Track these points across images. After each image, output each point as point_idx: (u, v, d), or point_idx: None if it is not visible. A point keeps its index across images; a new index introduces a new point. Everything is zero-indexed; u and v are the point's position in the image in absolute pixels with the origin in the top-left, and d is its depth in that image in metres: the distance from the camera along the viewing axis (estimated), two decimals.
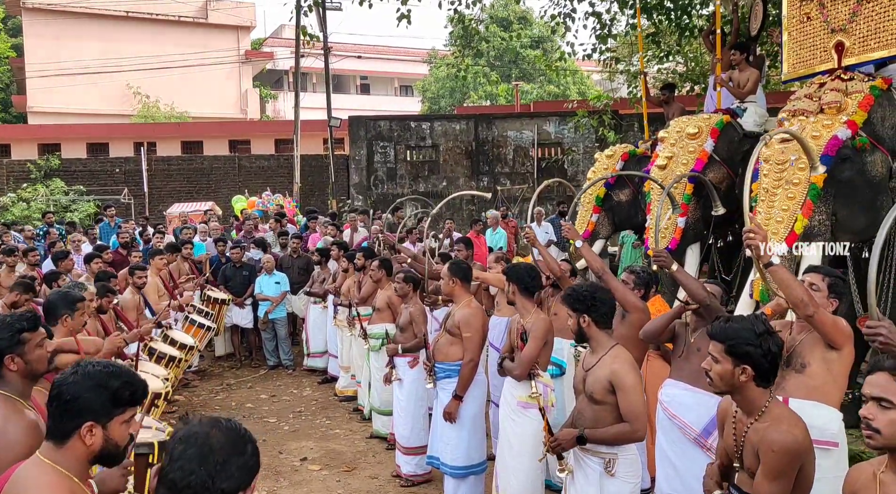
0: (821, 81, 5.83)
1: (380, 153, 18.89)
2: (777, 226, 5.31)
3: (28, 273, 7.75)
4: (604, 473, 3.44)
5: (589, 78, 33.65)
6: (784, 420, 2.62)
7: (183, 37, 30.22)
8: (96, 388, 1.99)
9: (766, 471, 2.56)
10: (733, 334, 2.69)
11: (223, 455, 1.65)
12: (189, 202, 18.61)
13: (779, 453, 2.53)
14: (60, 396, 1.99)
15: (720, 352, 2.70)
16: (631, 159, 7.94)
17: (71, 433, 1.98)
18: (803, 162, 5.25)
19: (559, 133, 18.58)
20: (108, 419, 2.00)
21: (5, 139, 24.78)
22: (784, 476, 2.56)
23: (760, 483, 2.59)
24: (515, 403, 4.29)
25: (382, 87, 42.82)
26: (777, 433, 2.57)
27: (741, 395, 2.71)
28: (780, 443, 2.54)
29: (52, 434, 2.01)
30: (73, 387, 1.98)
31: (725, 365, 2.68)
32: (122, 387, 2.03)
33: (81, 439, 1.98)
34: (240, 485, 1.67)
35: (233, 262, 9.66)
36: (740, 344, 2.66)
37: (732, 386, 2.70)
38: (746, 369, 2.66)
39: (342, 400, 8.02)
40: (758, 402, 2.69)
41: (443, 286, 5.06)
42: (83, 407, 1.97)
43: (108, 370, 2.05)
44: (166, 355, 6.17)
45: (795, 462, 2.57)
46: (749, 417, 2.71)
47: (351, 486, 5.71)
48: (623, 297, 4.41)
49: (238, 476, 1.67)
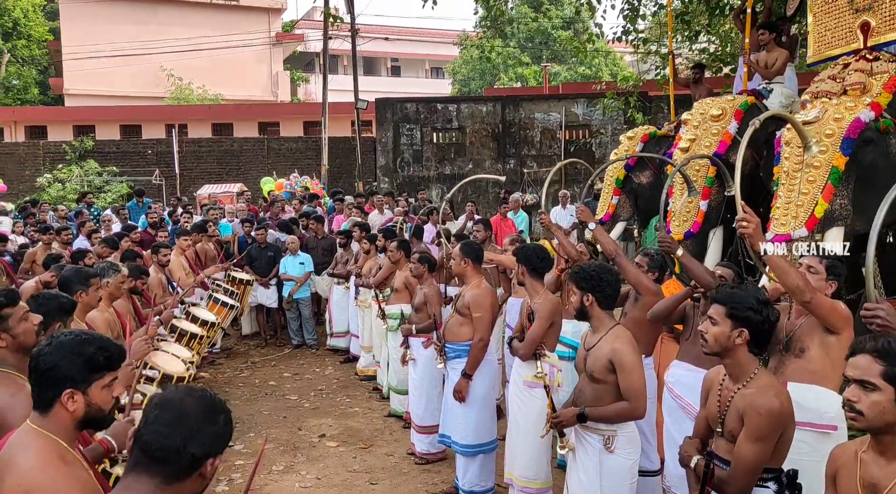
0: (845, 62, 5.70)
1: (406, 135, 18.89)
2: (797, 209, 5.23)
3: (61, 251, 7.97)
4: (603, 449, 3.49)
5: (622, 59, 33.18)
6: (771, 388, 2.73)
7: (215, 19, 30.43)
8: (70, 356, 2.06)
9: (749, 433, 2.66)
10: (737, 298, 2.81)
11: (196, 422, 1.72)
12: (219, 184, 18.86)
13: (765, 416, 2.63)
14: (38, 367, 2.06)
15: (720, 315, 2.81)
16: (651, 140, 7.85)
17: (53, 401, 2.05)
18: (825, 145, 5.16)
19: (587, 115, 18.39)
20: (87, 384, 2.07)
21: (42, 121, 25.30)
22: (766, 440, 2.65)
23: (742, 445, 2.68)
24: (522, 383, 4.32)
25: (413, 70, 42.73)
26: (765, 398, 2.67)
27: (732, 359, 2.82)
28: (766, 407, 2.64)
29: (37, 404, 2.09)
30: (49, 357, 2.05)
31: (723, 327, 2.80)
32: (97, 353, 2.10)
33: (63, 406, 2.05)
34: (210, 452, 1.74)
35: (258, 243, 9.81)
36: (742, 308, 2.78)
37: (725, 349, 2.81)
38: (743, 332, 2.78)
39: (363, 379, 8.13)
40: (747, 368, 2.80)
41: (454, 266, 5.10)
42: (60, 376, 2.04)
43: (81, 338, 2.12)
44: (188, 332, 6.31)
45: (778, 427, 2.66)
46: (736, 383, 2.81)
47: (367, 463, 5.81)
48: (636, 280, 4.41)
49: (209, 444, 1.73)
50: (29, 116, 26.00)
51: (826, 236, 5.15)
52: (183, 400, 1.75)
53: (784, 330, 3.39)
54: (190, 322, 6.59)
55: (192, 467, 1.72)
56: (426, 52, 41.37)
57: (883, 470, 2.16)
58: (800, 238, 5.06)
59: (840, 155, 5.12)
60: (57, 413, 2.06)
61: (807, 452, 3.12)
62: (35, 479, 1.94)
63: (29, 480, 1.94)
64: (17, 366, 2.71)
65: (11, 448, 2.04)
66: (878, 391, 2.14)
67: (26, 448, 2.01)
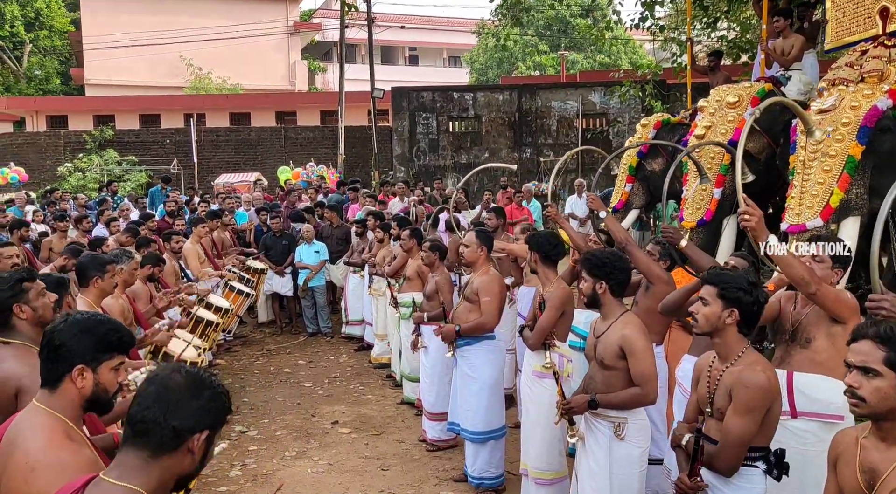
0: (863, 49, 5.60)
1: (422, 124, 18.87)
2: (812, 199, 5.16)
3: (80, 239, 8.08)
4: (613, 437, 3.48)
5: (641, 47, 32.86)
6: (758, 364, 2.79)
7: (234, 9, 30.50)
8: (84, 333, 2.10)
9: (737, 406, 2.71)
10: (728, 279, 2.87)
11: (178, 396, 1.74)
12: (236, 173, 18.99)
13: (751, 389, 2.69)
14: (51, 343, 2.11)
15: (712, 295, 2.86)
16: (664, 128, 7.79)
17: (62, 377, 2.09)
18: (840, 133, 5.08)
19: (604, 103, 18.27)
20: (98, 363, 2.11)
21: (63, 111, 25.60)
22: (753, 413, 2.70)
23: (730, 419, 2.73)
24: (531, 373, 4.33)
25: (431, 59, 42.61)
26: (752, 372, 2.73)
27: (721, 339, 2.87)
28: (753, 381, 2.70)
29: (46, 380, 2.13)
30: (63, 333, 2.10)
31: (714, 307, 2.85)
32: (109, 333, 2.15)
33: (73, 382, 2.09)
34: (193, 427, 1.75)
35: (273, 232, 9.87)
36: (733, 289, 2.82)
37: (715, 328, 2.86)
38: (734, 312, 2.82)
39: (377, 367, 8.18)
40: (735, 348, 2.85)
41: (468, 253, 5.09)
42: (73, 351, 2.08)
43: (96, 318, 2.19)
44: (204, 319, 6.38)
45: (765, 400, 2.71)
46: (724, 362, 2.86)
47: (378, 449, 5.86)
48: (647, 269, 4.38)
49: (190, 418, 1.74)
50: (50, 106, 26.32)
51: (841, 226, 5.09)
52: (169, 376, 1.77)
53: (790, 320, 3.36)
54: (205, 308, 6.66)
55: (175, 440, 1.73)
56: (444, 40, 41.20)
57: (882, 455, 2.16)
58: (815, 228, 5.00)
59: (856, 143, 5.04)
60: (65, 390, 2.09)
61: (813, 442, 3.10)
62: (41, 457, 1.97)
63: (35, 458, 1.98)
64: (35, 340, 2.79)
65: (18, 427, 2.08)
66: (881, 377, 2.13)
67: (33, 427, 2.05)
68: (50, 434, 2.02)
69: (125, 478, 1.72)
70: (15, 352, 2.75)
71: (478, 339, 4.98)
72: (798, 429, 3.27)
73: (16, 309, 2.80)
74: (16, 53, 32.26)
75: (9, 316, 2.80)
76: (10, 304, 2.80)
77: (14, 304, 2.80)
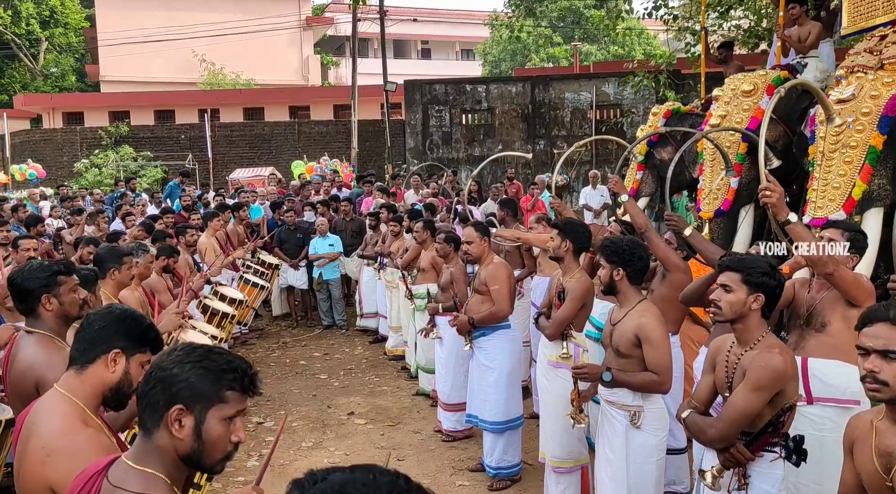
0: (882, 33, 5.51)
1: (435, 117, 18.84)
2: (834, 192, 5.08)
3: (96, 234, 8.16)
4: (630, 425, 3.47)
5: (655, 38, 32.61)
6: (776, 347, 2.76)
7: (246, 4, 30.56)
8: (127, 320, 2.17)
9: (748, 382, 2.69)
10: (751, 264, 2.81)
11: (188, 359, 1.69)
12: (250, 167, 19.06)
13: (766, 368, 2.66)
14: (92, 325, 2.15)
15: (736, 281, 2.80)
16: (673, 116, 7.73)
17: (96, 357, 2.12)
18: (861, 124, 5.00)
19: (618, 94, 18.15)
20: (132, 353, 2.15)
21: (79, 107, 25.78)
22: (762, 391, 2.66)
23: (737, 392, 2.71)
24: (547, 362, 4.32)
25: (443, 52, 42.51)
26: (769, 354, 2.70)
27: (744, 324, 2.81)
28: (768, 361, 2.67)
29: (76, 359, 2.15)
30: (106, 317, 2.16)
31: (739, 294, 2.79)
32: (148, 329, 2.20)
33: (106, 364, 2.12)
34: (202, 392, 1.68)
35: (287, 225, 9.91)
36: (757, 274, 2.77)
37: (740, 315, 2.80)
38: (759, 297, 2.77)
39: (391, 358, 8.21)
40: (756, 332, 2.81)
41: (473, 249, 5.06)
42: (114, 335, 2.13)
43: (137, 312, 2.25)
44: (219, 311, 6.42)
45: (777, 382, 2.67)
46: (744, 346, 2.82)
47: (394, 439, 5.88)
48: (665, 256, 4.34)
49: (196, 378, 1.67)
50: (66, 103, 26.52)
51: (864, 217, 5.02)
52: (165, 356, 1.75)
53: (804, 305, 3.33)
54: (219, 300, 6.71)
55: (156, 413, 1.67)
56: (456, 33, 41.09)
57: None
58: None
59: (878, 134, 4.96)
60: (93, 373, 2.12)
61: (830, 428, 3.07)
62: (57, 442, 2.01)
63: (51, 442, 2.01)
64: (57, 333, 2.85)
65: (38, 411, 2.12)
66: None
67: (51, 412, 2.08)
68: (66, 419, 2.05)
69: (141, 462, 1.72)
70: (38, 341, 2.78)
71: (493, 329, 4.98)
72: (815, 415, 3.25)
73: (44, 300, 2.82)
74: (32, 51, 32.54)
75: (36, 304, 2.83)
76: (40, 293, 2.82)
77: (44, 294, 2.82)
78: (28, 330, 2.84)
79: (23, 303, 2.85)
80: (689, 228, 4.11)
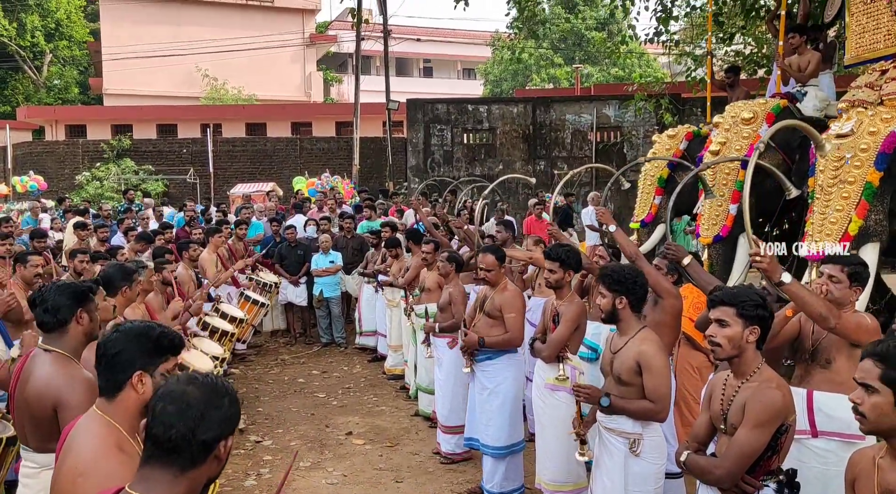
0: (882, 68, 5.60)
1: (437, 136, 18.96)
2: (831, 227, 5.15)
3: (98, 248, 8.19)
4: (629, 453, 3.48)
5: (655, 61, 32.87)
6: (774, 380, 2.77)
7: (250, 20, 30.84)
8: (138, 338, 2.17)
9: (748, 420, 2.69)
10: (744, 297, 2.80)
11: (200, 409, 1.73)
12: (252, 183, 19.13)
13: (765, 404, 2.67)
14: (107, 352, 2.16)
15: (731, 316, 2.79)
16: (695, 139, 7.75)
17: (122, 385, 2.15)
18: (859, 160, 5.07)
19: (619, 117, 18.29)
20: (154, 367, 2.17)
21: (82, 120, 25.89)
22: (764, 427, 2.67)
23: (739, 431, 2.71)
24: (544, 385, 4.34)
25: (445, 71, 42.83)
26: (767, 389, 2.71)
27: (741, 357, 2.82)
28: (768, 396, 2.68)
29: (105, 390, 2.18)
30: (118, 342, 2.16)
31: (735, 328, 2.78)
32: (161, 336, 2.21)
33: (133, 388, 2.14)
34: (220, 435, 1.76)
35: (288, 241, 9.94)
36: (752, 307, 2.77)
37: (739, 349, 2.80)
38: (755, 330, 2.78)
39: (390, 378, 8.20)
40: (752, 364, 2.81)
41: (491, 277, 5.03)
42: (130, 358, 2.15)
43: (145, 323, 2.25)
44: (219, 329, 6.43)
45: (777, 418, 2.68)
46: (740, 379, 2.83)
47: (392, 461, 5.87)
48: (657, 283, 4.37)
49: (217, 428, 1.75)
50: (69, 115, 26.63)
51: (861, 252, 5.07)
52: (185, 390, 1.76)
53: (809, 339, 3.36)
54: (220, 318, 6.72)
55: (205, 452, 1.74)
56: (458, 52, 41.43)
57: None
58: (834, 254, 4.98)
59: (874, 170, 5.03)
60: (125, 398, 2.15)
61: (834, 461, 3.09)
62: (90, 464, 2.04)
63: (84, 464, 2.04)
64: (76, 350, 2.87)
65: (77, 431, 2.16)
66: (878, 393, 2.18)
67: (88, 432, 2.12)
68: (102, 441, 2.08)
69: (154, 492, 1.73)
70: (56, 360, 2.80)
71: (499, 353, 4.98)
72: (819, 449, 3.26)
73: (78, 314, 2.85)
74: (36, 63, 32.73)
75: (70, 318, 2.85)
76: (76, 308, 2.85)
77: (79, 309, 2.86)
78: (45, 348, 2.85)
79: (55, 317, 2.85)
80: (688, 258, 4.14)
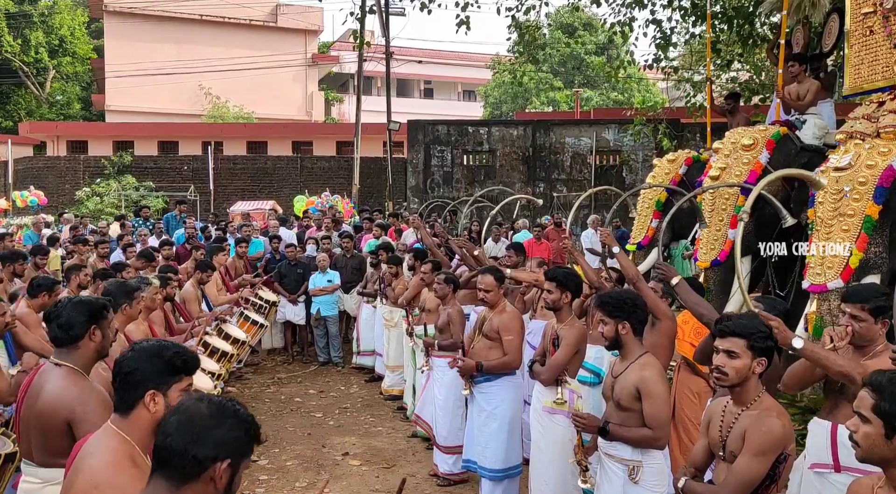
0: (880, 100, 5.65)
1: (437, 157, 19.06)
2: (832, 260, 5.17)
3: (98, 264, 8.20)
4: (628, 480, 3.46)
5: (654, 85, 33.14)
6: (774, 409, 2.81)
7: (253, 40, 31.11)
8: (152, 358, 2.19)
9: (749, 448, 2.72)
10: (753, 330, 2.84)
11: (200, 425, 1.77)
12: (252, 201, 19.19)
13: (766, 434, 2.70)
14: (121, 370, 2.20)
15: (741, 347, 2.82)
16: (695, 164, 7.81)
17: (135, 403, 2.17)
18: (857, 193, 5.10)
19: (618, 140, 18.42)
20: (168, 387, 2.19)
21: (83, 136, 26.01)
22: (764, 456, 2.70)
23: (739, 459, 2.74)
24: (542, 408, 4.34)
25: (446, 92, 43.16)
26: (768, 418, 2.75)
27: (743, 387, 2.85)
28: (769, 425, 2.72)
29: (119, 407, 2.21)
30: (132, 361, 2.19)
31: (745, 359, 2.82)
32: (175, 356, 2.23)
33: (146, 407, 2.17)
34: (215, 456, 1.77)
35: (288, 260, 9.96)
36: (761, 339, 2.82)
37: (745, 379, 2.83)
38: (763, 362, 2.82)
39: (387, 398, 8.18)
40: (753, 392, 2.85)
41: (491, 297, 5.04)
42: (143, 377, 2.17)
43: (161, 343, 2.28)
44: (219, 349, 6.43)
45: (777, 446, 2.72)
46: (740, 406, 2.86)
47: (389, 482, 5.84)
48: (655, 305, 4.38)
49: (212, 447, 1.76)
50: (71, 131, 26.76)
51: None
52: (194, 405, 1.81)
53: None
54: (222, 339, 6.72)
55: (196, 469, 1.75)
56: (459, 75, 41.79)
57: None
58: (836, 288, 4.99)
59: (873, 203, 5.06)
60: (138, 416, 2.17)
61: None
62: (103, 477, 2.06)
63: (99, 476, 2.07)
64: (87, 366, 2.89)
65: (91, 445, 2.18)
66: (869, 423, 2.19)
67: (102, 446, 2.14)
68: (115, 455, 2.10)
69: None
70: (68, 375, 2.81)
71: (497, 375, 4.98)
72: (841, 484, 3.14)
73: (91, 331, 2.88)
74: (39, 79, 32.93)
75: (83, 334, 2.87)
76: (90, 324, 2.87)
77: (93, 325, 2.88)
78: (56, 362, 2.87)
79: (68, 333, 2.86)
80: (677, 278, 4.15)
